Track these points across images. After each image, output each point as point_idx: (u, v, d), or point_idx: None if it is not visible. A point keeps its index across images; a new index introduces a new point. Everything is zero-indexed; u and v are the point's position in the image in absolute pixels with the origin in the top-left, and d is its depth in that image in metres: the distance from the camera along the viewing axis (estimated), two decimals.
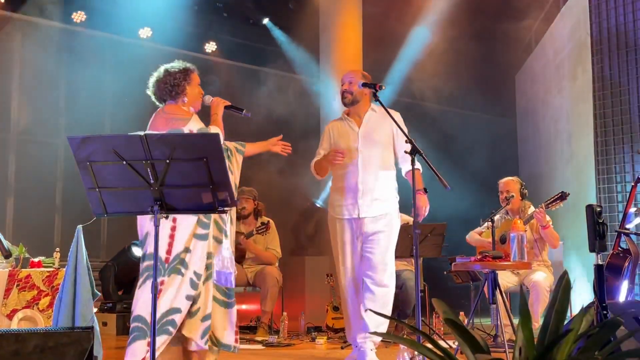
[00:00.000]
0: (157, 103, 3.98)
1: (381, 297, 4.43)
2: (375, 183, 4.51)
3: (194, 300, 3.63)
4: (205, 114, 4.02)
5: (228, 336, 3.80)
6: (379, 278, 4.43)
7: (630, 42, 6.89)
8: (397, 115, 4.57)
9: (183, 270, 3.59)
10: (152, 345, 2.97)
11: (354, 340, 4.47)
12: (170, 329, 3.53)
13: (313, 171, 4.71)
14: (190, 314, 3.63)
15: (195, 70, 4.02)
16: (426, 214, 4.43)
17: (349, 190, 4.51)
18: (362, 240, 4.51)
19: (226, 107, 4.08)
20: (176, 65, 3.97)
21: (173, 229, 3.63)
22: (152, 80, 3.98)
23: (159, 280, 3.50)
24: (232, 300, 3.81)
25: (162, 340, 3.50)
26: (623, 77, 6.94)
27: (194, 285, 3.62)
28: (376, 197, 4.51)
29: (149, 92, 4.00)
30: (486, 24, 8.86)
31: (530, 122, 10.13)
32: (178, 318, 3.56)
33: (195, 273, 3.62)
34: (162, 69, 3.97)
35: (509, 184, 5.77)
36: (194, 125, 3.79)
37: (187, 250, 3.62)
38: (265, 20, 9.71)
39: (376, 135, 4.56)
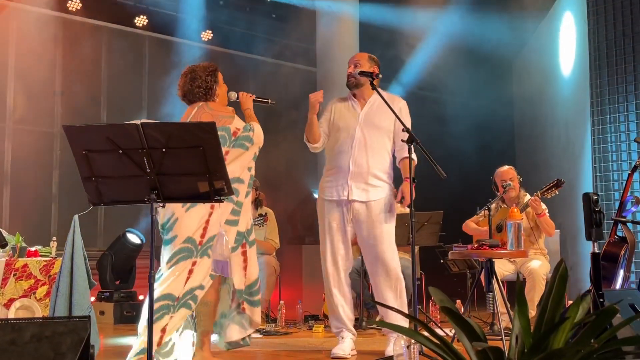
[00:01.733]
0: (186, 103, 4.01)
1: (388, 290, 4.43)
2: (368, 166, 4.43)
3: None
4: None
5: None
6: (382, 271, 4.41)
7: (627, 29, 6.87)
8: (402, 103, 4.57)
9: (210, 252, 3.68)
10: (150, 327, 2.97)
11: (340, 330, 4.44)
12: (192, 303, 3.67)
13: (305, 140, 4.60)
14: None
15: (219, 68, 4.09)
16: (406, 202, 4.29)
17: (340, 170, 4.44)
18: (355, 227, 4.45)
19: (253, 100, 4.15)
20: (202, 65, 4.02)
21: (210, 214, 3.73)
22: (182, 82, 4.01)
23: (191, 260, 3.67)
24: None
25: (181, 315, 3.64)
26: (620, 65, 6.93)
27: None
28: (368, 181, 4.42)
29: (178, 94, 4.04)
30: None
31: (526, 110, 10.13)
32: (200, 294, 3.69)
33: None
34: (188, 71, 4.01)
35: (509, 172, 5.77)
36: (239, 123, 3.89)
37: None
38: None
39: (377, 120, 4.49)
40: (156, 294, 3.56)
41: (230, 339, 3.93)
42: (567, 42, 8.03)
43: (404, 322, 4.12)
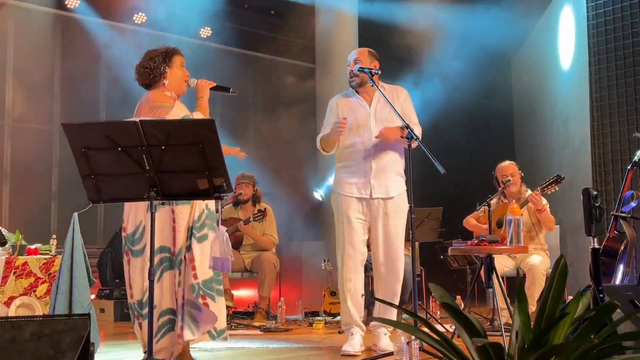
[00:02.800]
0: (143, 88, 3.88)
1: (395, 285, 4.44)
2: (387, 163, 4.46)
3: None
4: (192, 98, 3.95)
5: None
6: (393, 267, 4.42)
7: (627, 24, 6.86)
8: (405, 93, 4.58)
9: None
10: (150, 328, 2.98)
11: (350, 326, 4.43)
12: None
13: (319, 146, 4.57)
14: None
15: (178, 52, 3.89)
16: (385, 136, 4.34)
17: (362, 169, 4.43)
18: (371, 223, 4.45)
19: (212, 89, 3.93)
20: (158, 48, 3.85)
21: (173, 220, 3.60)
22: (135, 65, 3.88)
23: (175, 271, 3.60)
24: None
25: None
26: (619, 60, 6.92)
27: None
28: (388, 178, 4.45)
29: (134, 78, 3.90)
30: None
31: (526, 106, 10.12)
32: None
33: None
34: (146, 52, 3.86)
35: (511, 167, 5.77)
36: (178, 113, 3.66)
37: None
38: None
39: (388, 115, 4.46)
40: (156, 312, 3.53)
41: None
42: (567, 37, 8.01)
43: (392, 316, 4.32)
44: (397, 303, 4.50)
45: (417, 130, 4.45)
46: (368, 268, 5.30)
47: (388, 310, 4.44)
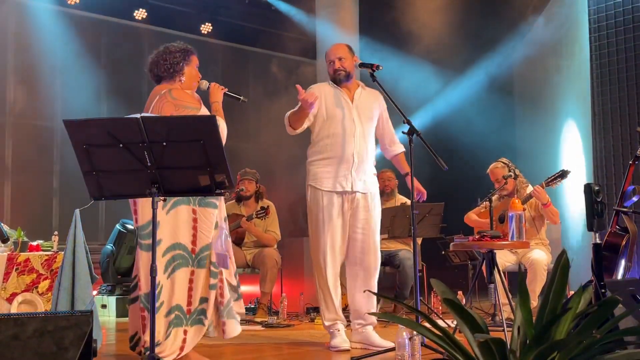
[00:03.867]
0: (153, 81, 3.87)
1: (372, 280, 4.42)
2: (367, 158, 4.43)
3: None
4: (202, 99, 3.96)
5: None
6: (371, 262, 4.40)
7: (628, 17, 6.85)
8: (382, 99, 4.59)
9: (208, 262, 3.66)
10: (152, 323, 2.98)
11: (335, 323, 4.40)
12: (203, 318, 3.64)
13: (287, 122, 4.45)
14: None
15: (195, 52, 3.92)
16: (424, 196, 4.51)
17: (343, 161, 4.36)
18: (350, 218, 4.40)
19: (224, 94, 3.96)
20: (177, 44, 3.86)
21: (194, 220, 3.63)
22: (150, 57, 3.86)
23: (189, 269, 3.61)
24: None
25: (196, 331, 3.64)
26: (620, 55, 6.91)
27: (214, 275, 3.68)
28: (366, 173, 4.43)
29: (146, 69, 3.89)
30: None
31: (527, 102, 10.11)
32: (207, 307, 3.65)
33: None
34: (162, 47, 3.86)
35: (496, 172, 5.76)
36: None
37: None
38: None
39: (367, 111, 4.48)
40: (164, 308, 3.55)
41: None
42: (568, 31, 8.00)
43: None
44: (372, 299, 4.47)
45: (397, 141, 4.56)
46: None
47: (371, 306, 4.41)
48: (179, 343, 3.57)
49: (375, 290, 4.45)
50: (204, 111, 3.74)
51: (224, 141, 3.66)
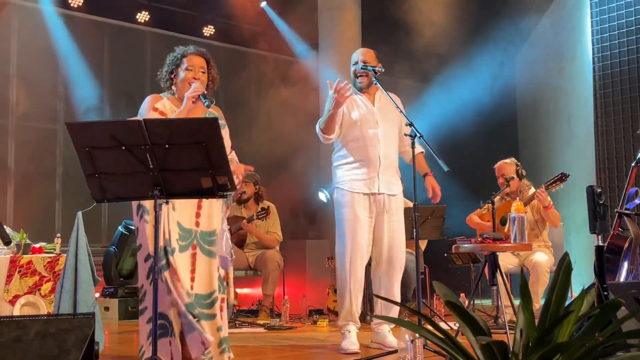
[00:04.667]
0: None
1: (398, 277, 4.47)
2: (393, 159, 4.54)
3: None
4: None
5: None
6: (399, 259, 4.46)
7: (630, 21, 6.85)
8: (397, 100, 4.58)
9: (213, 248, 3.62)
10: (154, 335, 2.98)
11: (347, 323, 4.41)
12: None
13: (319, 130, 4.46)
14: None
15: (187, 53, 3.76)
16: (438, 196, 4.57)
17: (370, 163, 4.43)
18: (376, 220, 4.45)
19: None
20: (172, 54, 3.79)
21: (199, 207, 3.59)
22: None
23: (191, 249, 3.53)
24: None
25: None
26: (623, 57, 6.91)
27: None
28: (391, 175, 4.52)
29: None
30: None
31: (529, 104, 10.11)
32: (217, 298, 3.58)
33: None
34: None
35: (504, 167, 5.76)
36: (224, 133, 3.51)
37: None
38: (263, 4, 9.64)
39: (389, 114, 4.54)
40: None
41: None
42: (570, 35, 8.00)
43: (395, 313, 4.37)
44: (398, 300, 4.52)
45: (418, 146, 4.53)
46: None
47: (390, 307, 4.44)
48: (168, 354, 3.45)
49: (398, 288, 4.49)
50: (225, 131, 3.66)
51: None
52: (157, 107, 3.67)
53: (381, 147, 4.46)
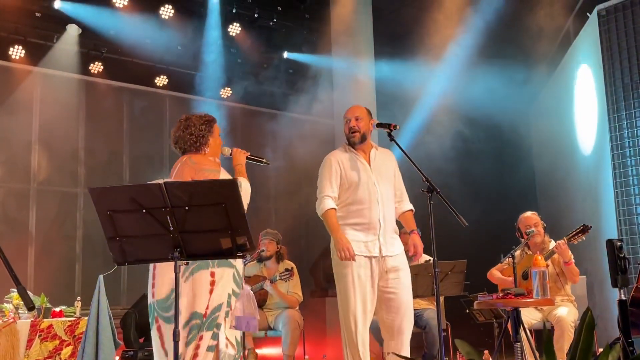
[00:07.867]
0: (178, 152, 3.93)
1: (407, 340, 4.38)
2: (392, 220, 4.49)
3: None
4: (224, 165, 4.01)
5: None
6: (406, 320, 4.38)
7: None
8: (394, 158, 4.63)
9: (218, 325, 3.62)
10: None
11: None
12: None
13: (320, 214, 4.46)
14: None
15: (216, 120, 3.99)
16: (419, 255, 4.41)
17: (370, 226, 4.38)
18: (379, 280, 4.38)
19: (247, 158, 4.05)
20: (198, 115, 3.93)
21: (212, 283, 3.59)
22: (174, 130, 3.92)
23: (199, 335, 3.54)
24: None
25: None
26: (638, 108, 6.93)
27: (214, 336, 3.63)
28: (393, 235, 4.47)
29: (171, 141, 3.94)
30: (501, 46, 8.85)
31: (546, 156, 10.11)
32: None
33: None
34: (184, 118, 3.92)
35: (533, 218, 5.72)
36: (224, 177, 3.73)
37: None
38: (285, 54, 9.84)
39: (385, 172, 4.53)
40: None
41: None
42: (583, 90, 8.05)
43: None
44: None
45: (406, 198, 4.57)
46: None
47: None
48: None
49: (408, 348, 4.40)
50: (223, 174, 3.77)
51: (248, 201, 3.73)
52: None
53: (380, 208, 4.41)
